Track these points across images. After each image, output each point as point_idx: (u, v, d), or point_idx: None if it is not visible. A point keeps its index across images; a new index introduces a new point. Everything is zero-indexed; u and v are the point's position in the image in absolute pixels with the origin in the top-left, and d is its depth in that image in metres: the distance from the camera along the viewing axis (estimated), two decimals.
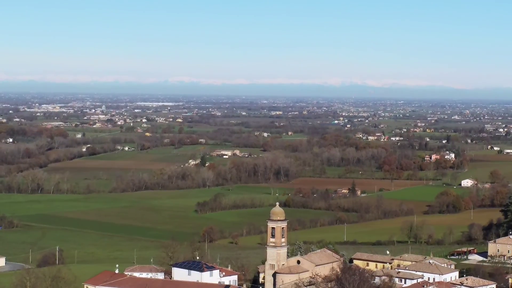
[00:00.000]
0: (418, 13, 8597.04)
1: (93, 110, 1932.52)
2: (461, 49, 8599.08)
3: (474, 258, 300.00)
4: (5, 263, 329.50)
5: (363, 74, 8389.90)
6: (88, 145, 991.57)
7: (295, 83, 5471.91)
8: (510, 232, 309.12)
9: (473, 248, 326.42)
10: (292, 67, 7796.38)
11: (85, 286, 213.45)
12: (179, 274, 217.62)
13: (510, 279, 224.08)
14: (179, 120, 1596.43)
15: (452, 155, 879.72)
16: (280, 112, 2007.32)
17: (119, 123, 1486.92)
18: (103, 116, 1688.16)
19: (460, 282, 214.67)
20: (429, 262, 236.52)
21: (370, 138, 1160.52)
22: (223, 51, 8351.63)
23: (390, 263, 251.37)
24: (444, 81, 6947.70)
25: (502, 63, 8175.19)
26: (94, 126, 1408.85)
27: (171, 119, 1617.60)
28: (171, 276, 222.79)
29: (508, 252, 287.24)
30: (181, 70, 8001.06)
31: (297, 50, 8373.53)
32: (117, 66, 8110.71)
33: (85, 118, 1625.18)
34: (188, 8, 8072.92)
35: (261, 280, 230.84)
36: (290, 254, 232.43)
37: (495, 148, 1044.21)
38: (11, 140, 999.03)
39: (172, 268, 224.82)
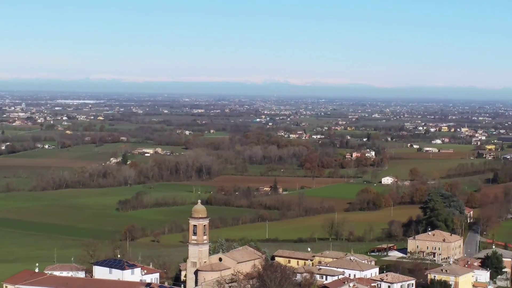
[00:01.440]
0: (339, 11, 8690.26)
1: (13, 108, 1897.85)
2: (382, 48, 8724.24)
3: (394, 255, 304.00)
4: None
5: (285, 72, 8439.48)
6: (8, 143, 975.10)
7: (217, 81, 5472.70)
8: (429, 229, 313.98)
9: (393, 244, 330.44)
10: (214, 65, 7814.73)
11: (4, 285, 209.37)
12: (100, 272, 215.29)
13: (429, 275, 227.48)
14: (101, 118, 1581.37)
15: (373, 153, 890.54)
16: (202, 110, 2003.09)
17: (39, 121, 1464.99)
18: (23, 113, 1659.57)
19: (380, 278, 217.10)
20: (350, 259, 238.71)
21: (292, 136, 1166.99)
22: (146, 48, 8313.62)
23: (311, 260, 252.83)
24: (366, 80, 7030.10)
25: (422, 62, 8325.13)
26: (13, 124, 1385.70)
27: (92, 117, 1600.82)
28: (92, 275, 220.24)
29: (427, 248, 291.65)
30: (103, 67, 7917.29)
31: (220, 48, 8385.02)
32: (38, 63, 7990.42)
33: (4, 116, 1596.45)
34: (110, 4, 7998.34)
35: (182, 278, 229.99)
36: (212, 251, 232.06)
37: (415, 146, 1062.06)
38: None
39: (93, 266, 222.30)
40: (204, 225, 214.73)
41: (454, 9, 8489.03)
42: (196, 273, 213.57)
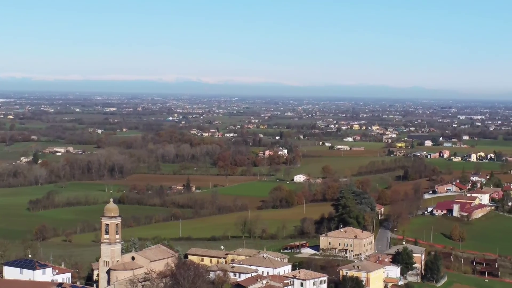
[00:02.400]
0: (251, 10, 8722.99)
1: None
2: (294, 46, 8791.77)
3: (307, 252, 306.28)
4: None
5: (198, 71, 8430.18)
6: None
7: (129, 80, 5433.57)
8: (341, 226, 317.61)
9: (305, 242, 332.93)
10: (126, 63, 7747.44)
11: None
12: (11, 272, 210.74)
13: (341, 271, 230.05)
14: (10, 116, 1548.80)
15: (285, 151, 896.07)
16: (115, 109, 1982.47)
17: None
18: None
19: (293, 275, 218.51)
20: (263, 256, 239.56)
21: (205, 134, 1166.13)
22: (56, 46, 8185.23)
23: (224, 258, 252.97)
24: (278, 78, 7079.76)
25: (334, 61, 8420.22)
26: None
27: (1, 116, 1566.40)
28: (2, 275, 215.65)
29: (339, 245, 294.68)
30: (13, 65, 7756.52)
31: (132, 46, 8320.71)
32: None
33: None
34: (19, 2, 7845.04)
35: (95, 277, 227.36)
36: (125, 250, 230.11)
37: (327, 144, 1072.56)
38: None
39: (4, 266, 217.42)
40: (117, 224, 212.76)
41: (364, 8, 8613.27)
42: (108, 272, 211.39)
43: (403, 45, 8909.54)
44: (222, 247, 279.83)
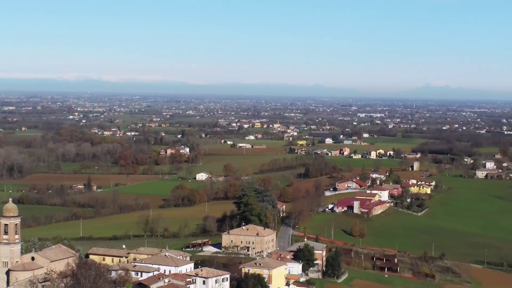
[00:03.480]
0: (152, 7, 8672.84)
1: None
2: (194, 45, 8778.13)
3: (209, 250, 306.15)
4: None
5: (98, 69, 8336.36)
6: None
7: (28, 78, 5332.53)
8: (243, 224, 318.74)
9: (207, 240, 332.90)
10: (25, 61, 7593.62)
11: None
12: None
13: (243, 269, 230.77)
14: None
15: (187, 150, 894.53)
16: (13, 107, 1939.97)
17: None
18: None
19: (195, 273, 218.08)
20: (165, 255, 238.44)
21: (106, 133, 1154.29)
22: None
23: (126, 257, 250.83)
24: (180, 77, 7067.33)
25: (235, 60, 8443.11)
26: None
27: None
28: None
29: (241, 242, 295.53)
30: None
31: (31, 44, 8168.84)
32: None
33: None
34: None
35: None
36: (25, 251, 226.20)
37: (229, 142, 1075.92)
38: None
39: None
40: (16, 224, 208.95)
41: (263, 6, 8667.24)
42: (7, 273, 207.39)
43: (303, 43, 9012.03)
44: (124, 246, 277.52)
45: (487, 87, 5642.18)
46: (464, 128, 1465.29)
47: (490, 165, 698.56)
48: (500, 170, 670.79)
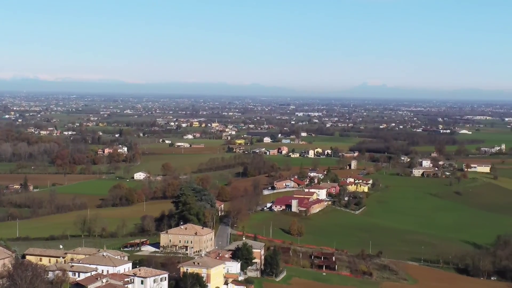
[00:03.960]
0: (89, 5, 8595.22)
1: None
2: (133, 44, 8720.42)
3: (147, 249, 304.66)
4: None
5: (34, 68, 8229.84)
6: None
7: None
8: (182, 223, 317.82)
9: (145, 239, 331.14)
10: None
11: None
12: None
13: (181, 268, 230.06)
14: None
15: (125, 149, 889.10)
16: None
17: None
18: None
19: (133, 273, 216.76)
20: (103, 255, 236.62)
21: (43, 132, 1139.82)
22: None
23: (63, 258, 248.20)
24: (117, 75, 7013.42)
25: (173, 59, 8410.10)
26: None
27: None
28: None
29: (180, 242, 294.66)
30: None
31: None
32: None
33: None
34: None
35: None
36: None
37: (167, 141, 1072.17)
38: None
39: None
40: None
41: (201, 5, 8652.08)
42: None
43: (241, 42, 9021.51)
44: (61, 247, 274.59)
45: (423, 86, 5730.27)
46: (401, 127, 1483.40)
47: (426, 163, 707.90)
48: (436, 169, 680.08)
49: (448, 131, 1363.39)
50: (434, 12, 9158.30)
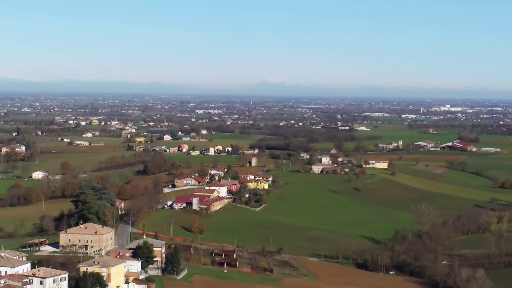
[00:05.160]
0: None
1: None
2: (29, 39, 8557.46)
3: (46, 249, 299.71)
4: None
5: None
6: None
7: None
8: (81, 222, 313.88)
9: (44, 239, 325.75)
10: None
11: None
12: None
13: (81, 268, 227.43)
14: None
15: (23, 148, 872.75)
16: None
17: None
18: None
19: (32, 274, 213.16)
20: (1, 255, 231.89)
21: None
22: None
23: None
24: (14, 73, 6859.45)
25: (70, 55, 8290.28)
26: None
27: None
28: None
29: (80, 241, 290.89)
30: None
31: None
32: None
33: None
34: None
35: None
36: None
37: (66, 140, 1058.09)
38: None
39: None
40: None
41: (100, 1, 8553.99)
42: None
43: (141, 40, 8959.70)
44: None
45: (322, 84, 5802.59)
46: (300, 124, 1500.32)
47: (325, 160, 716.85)
48: (335, 165, 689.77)
49: (347, 128, 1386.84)
50: (332, 7, 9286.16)
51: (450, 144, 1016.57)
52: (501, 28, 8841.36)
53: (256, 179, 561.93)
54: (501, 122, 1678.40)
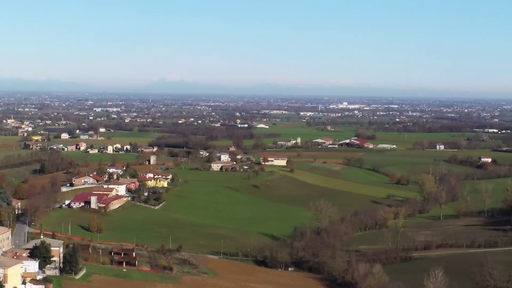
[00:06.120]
0: None
1: None
2: None
3: None
4: None
5: None
6: None
7: None
8: None
9: None
10: None
11: None
12: None
13: None
14: None
15: None
16: None
17: None
18: None
19: None
20: None
21: None
22: None
23: None
24: None
25: None
26: None
27: None
28: None
29: None
30: None
31: None
32: None
33: None
34: None
35: None
36: None
37: None
38: None
39: None
40: None
41: None
42: None
43: (37, 36, 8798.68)
44: None
45: (221, 81, 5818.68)
46: (200, 121, 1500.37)
47: (225, 157, 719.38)
48: (235, 163, 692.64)
49: (246, 125, 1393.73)
50: (230, 6, 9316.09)
51: (347, 141, 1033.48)
52: (395, 27, 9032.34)
53: (155, 177, 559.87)
54: (397, 119, 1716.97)
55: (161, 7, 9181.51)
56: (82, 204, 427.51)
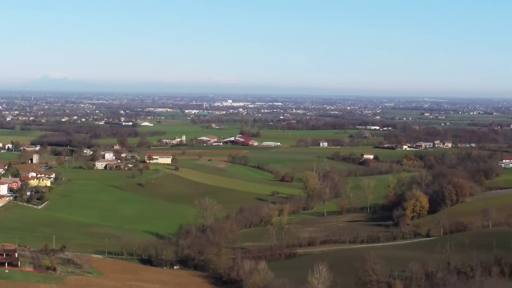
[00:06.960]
0: None
1: None
2: None
3: None
4: None
5: None
6: None
7: None
8: None
9: None
10: None
11: None
12: None
13: None
14: None
15: None
16: None
17: None
18: None
19: None
20: None
21: None
22: None
23: None
24: None
25: None
26: None
27: None
28: None
29: None
30: None
31: None
32: None
33: None
34: None
35: None
36: None
37: None
38: None
39: None
40: None
41: None
42: None
43: None
44: None
45: (106, 79, 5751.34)
46: (83, 120, 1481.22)
47: (109, 156, 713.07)
48: (119, 161, 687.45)
49: (130, 123, 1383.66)
50: (118, 4, 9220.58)
51: (232, 138, 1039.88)
52: (278, 26, 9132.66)
53: (38, 176, 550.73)
54: (281, 117, 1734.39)
55: (45, 3, 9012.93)
56: None
